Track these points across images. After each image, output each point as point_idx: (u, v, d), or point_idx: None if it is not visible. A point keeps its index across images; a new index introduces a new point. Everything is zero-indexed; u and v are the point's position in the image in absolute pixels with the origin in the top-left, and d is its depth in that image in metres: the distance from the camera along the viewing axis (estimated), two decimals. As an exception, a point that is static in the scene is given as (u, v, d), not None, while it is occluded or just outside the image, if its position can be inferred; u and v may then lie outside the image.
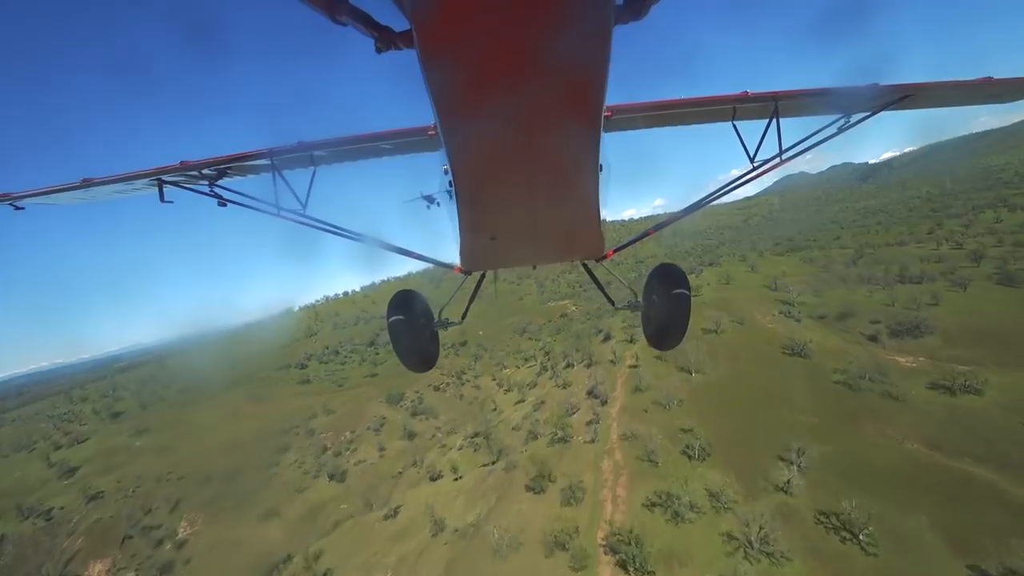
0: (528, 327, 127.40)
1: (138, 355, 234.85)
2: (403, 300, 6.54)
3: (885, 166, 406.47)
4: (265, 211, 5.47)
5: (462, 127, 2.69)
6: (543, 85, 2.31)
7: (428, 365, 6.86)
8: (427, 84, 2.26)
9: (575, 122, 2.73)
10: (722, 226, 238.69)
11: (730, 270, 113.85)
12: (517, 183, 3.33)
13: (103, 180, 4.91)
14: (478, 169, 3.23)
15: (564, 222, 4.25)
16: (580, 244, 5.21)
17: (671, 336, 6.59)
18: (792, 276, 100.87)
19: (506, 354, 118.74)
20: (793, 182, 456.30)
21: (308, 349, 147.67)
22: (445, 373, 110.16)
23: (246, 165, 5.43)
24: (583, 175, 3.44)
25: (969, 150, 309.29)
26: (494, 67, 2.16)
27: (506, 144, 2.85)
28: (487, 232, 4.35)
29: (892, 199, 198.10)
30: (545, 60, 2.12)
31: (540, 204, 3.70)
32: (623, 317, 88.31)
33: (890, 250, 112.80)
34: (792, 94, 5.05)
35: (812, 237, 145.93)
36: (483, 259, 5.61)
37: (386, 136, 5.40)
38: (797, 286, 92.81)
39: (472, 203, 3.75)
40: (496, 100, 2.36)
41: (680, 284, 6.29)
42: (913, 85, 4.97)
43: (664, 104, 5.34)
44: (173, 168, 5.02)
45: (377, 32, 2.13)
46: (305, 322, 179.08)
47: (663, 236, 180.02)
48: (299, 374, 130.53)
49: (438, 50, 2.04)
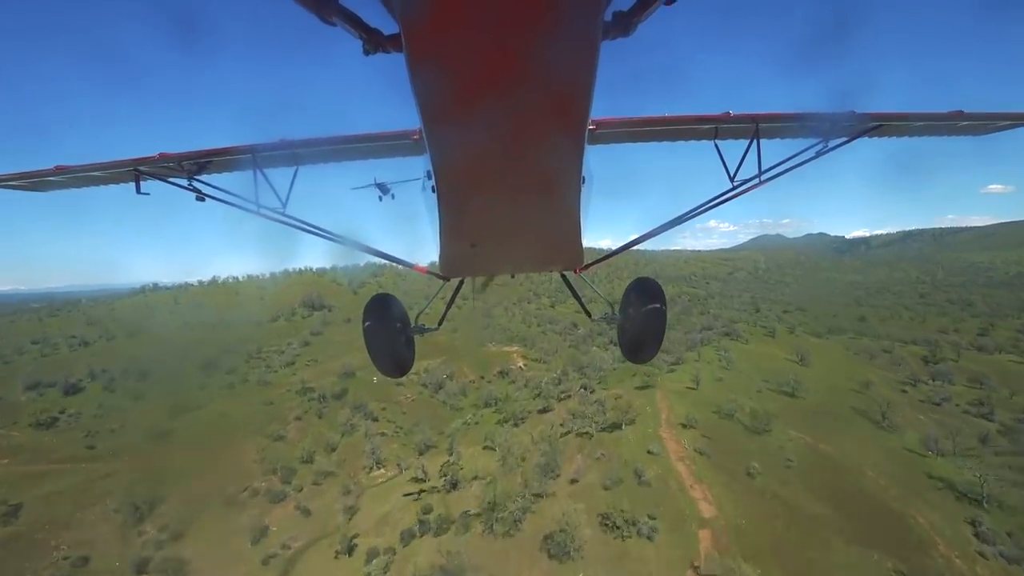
0: (443, 388, 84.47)
1: None
2: (379, 305, 6.54)
3: (862, 243, 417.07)
4: (244, 208, 5.37)
5: (447, 133, 2.66)
6: (529, 95, 2.30)
7: (403, 371, 6.84)
8: (413, 88, 2.23)
9: (559, 133, 2.73)
10: (707, 275, 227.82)
11: (763, 350, 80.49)
12: (499, 191, 3.32)
13: (78, 168, 4.99)
14: (461, 176, 3.20)
15: (545, 232, 4.23)
16: (560, 254, 5.18)
17: (646, 349, 6.67)
18: (871, 381, 72.83)
19: (388, 441, 73.02)
20: (771, 242, 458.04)
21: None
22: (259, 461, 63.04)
23: (227, 160, 5.37)
24: (565, 186, 3.42)
25: (945, 243, 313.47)
26: (481, 75, 2.15)
27: (490, 152, 2.82)
28: (468, 239, 4.26)
29: (881, 278, 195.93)
30: (532, 71, 2.12)
31: (522, 213, 3.71)
32: (583, 402, 67.76)
33: (970, 356, 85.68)
34: (772, 116, 5.15)
35: (829, 311, 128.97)
36: (463, 266, 5.64)
37: (370, 138, 5.39)
38: (903, 408, 66.71)
39: (454, 209, 3.69)
40: (482, 108, 2.34)
41: (656, 299, 6.37)
42: (887, 114, 5.13)
43: (648, 120, 5.49)
44: (151, 159, 5.00)
45: (366, 34, 2.08)
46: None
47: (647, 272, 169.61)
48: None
49: (426, 55, 2.03)
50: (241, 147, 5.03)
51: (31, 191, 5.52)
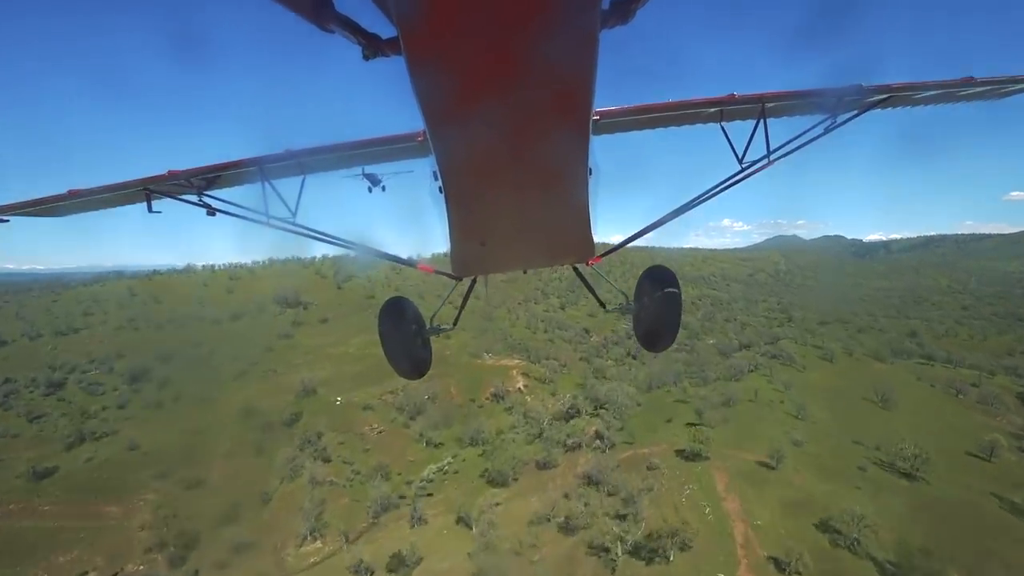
0: (423, 412, 65.37)
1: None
2: (394, 307, 6.56)
3: (881, 247, 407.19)
4: (255, 220, 5.40)
5: (450, 133, 2.65)
6: (531, 90, 2.29)
7: (421, 372, 6.83)
8: (415, 90, 2.21)
9: (564, 127, 2.70)
10: (727, 276, 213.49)
11: (828, 382, 61.53)
12: (506, 188, 3.30)
13: (90, 191, 5.03)
14: (467, 175, 3.20)
15: (554, 226, 4.19)
16: (570, 247, 5.10)
17: (663, 338, 6.46)
18: (995, 443, 52.11)
19: (337, 494, 53.69)
20: (787, 243, 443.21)
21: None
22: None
23: (235, 174, 5.40)
24: (572, 179, 3.40)
25: (968, 249, 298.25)
26: (481, 73, 2.13)
27: (495, 149, 2.81)
28: (477, 237, 4.28)
29: (909, 284, 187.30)
30: (532, 66, 2.09)
31: (530, 208, 3.67)
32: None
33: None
34: (778, 95, 5.02)
35: (870, 322, 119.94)
36: (474, 264, 5.64)
37: (375, 143, 5.36)
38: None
39: (462, 209, 3.69)
40: (484, 106, 2.33)
41: (670, 285, 6.19)
42: (897, 85, 4.94)
43: (651, 107, 5.39)
44: (161, 178, 5.03)
45: (365, 39, 2.07)
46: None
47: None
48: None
49: (425, 57, 2.01)
50: (248, 160, 5.08)
51: (47, 217, 5.61)
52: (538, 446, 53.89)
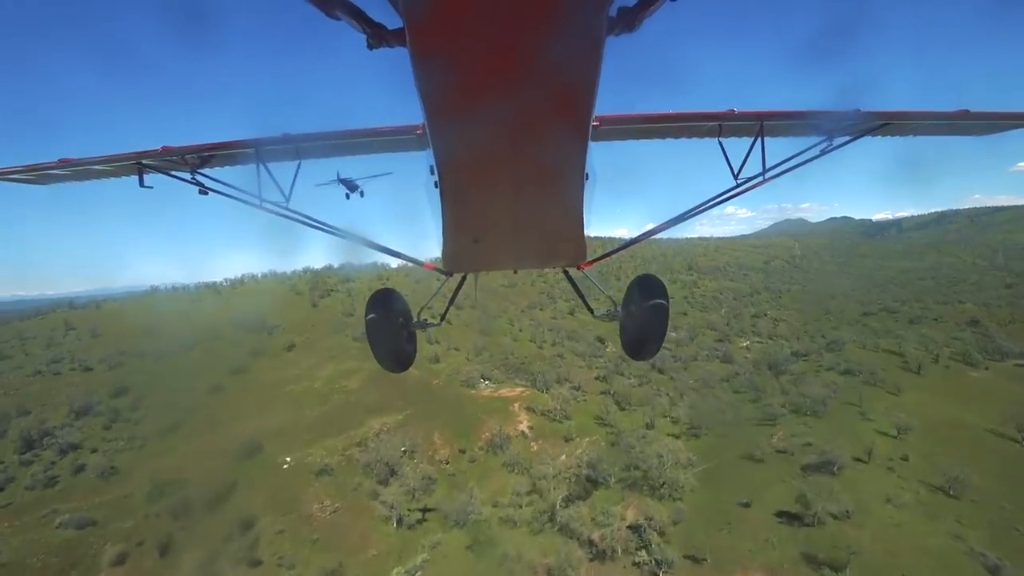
0: (396, 474, 49.26)
1: None
2: (382, 299, 6.46)
3: (892, 225, 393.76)
4: (247, 202, 5.31)
5: (450, 128, 2.64)
6: (533, 91, 2.30)
7: (404, 366, 6.77)
8: (417, 83, 2.21)
9: (563, 130, 2.72)
10: (743, 265, 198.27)
11: (939, 412, 46.17)
12: (503, 187, 3.29)
13: (81, 161, 4.98)
14: (464, 171, 3.20)
15: (547, 228, 4.21)
16: (562, 251, 5.19)
17: (648, 347, 6.51)
18: None
19: None
20: (795, 226, 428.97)
21: None
22: None
23: (230, 154, 5.35)
24: (569, 182, 3.40)
25: (983, 224, 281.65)
26: (485, 70, 2.13)
27: (493, 147, 2.81)
28: (470, 234, 4.26)
29: (933, 264, 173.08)
30: (536, 66, 2.12)
31: (524, 209, 3.67)
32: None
33: None
34: (777, 114, 5.11)
35: (922, 310, 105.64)
36: (465, 261, 5.62)
37: (373, 133, 5.31)
38: None
39: (457, 204, 3.68)
40: (485, 103, 2.32)
41: (658, 295, 6.26)
42: (893, 112, 5.06)
43: (652, 117, 5.44)
44: (154, 152, 4.97)
45: (370, 28, 2.07)
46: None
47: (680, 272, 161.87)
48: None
49: (429, 50, 2.02)
50: (244, 141, 5.02)
51: (35, 184, 5.55)
52: (548, 537, 37.74)
